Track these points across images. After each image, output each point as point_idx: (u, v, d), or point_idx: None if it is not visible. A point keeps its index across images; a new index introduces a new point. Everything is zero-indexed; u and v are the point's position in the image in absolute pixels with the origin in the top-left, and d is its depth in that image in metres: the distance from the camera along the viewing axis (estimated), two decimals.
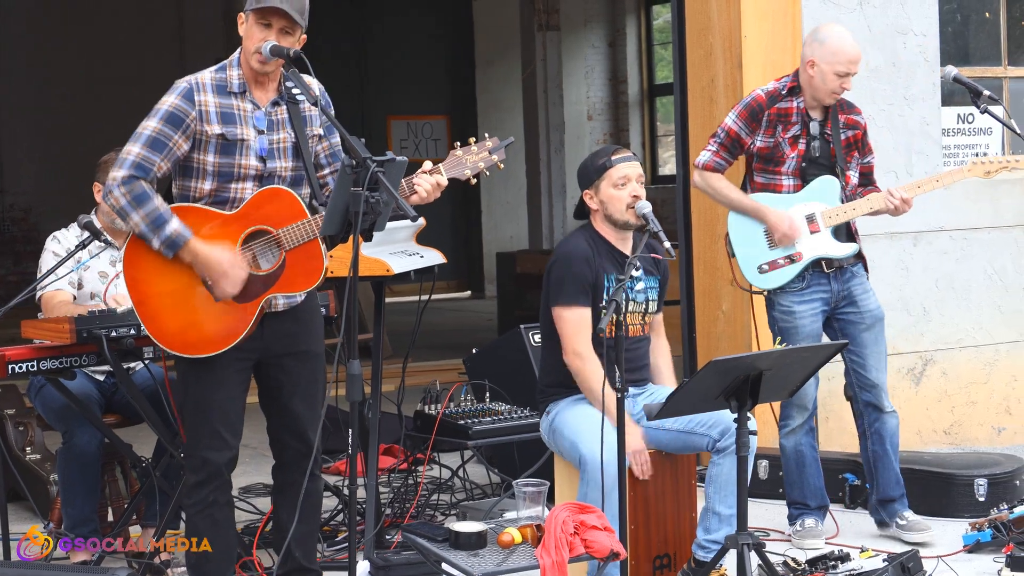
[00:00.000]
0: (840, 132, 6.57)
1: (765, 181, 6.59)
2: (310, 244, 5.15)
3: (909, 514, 6.66)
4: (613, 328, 5.25)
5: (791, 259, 6.52)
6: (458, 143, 5.36)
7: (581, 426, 5.64)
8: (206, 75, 5.20)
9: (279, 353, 5.33)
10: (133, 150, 5.07)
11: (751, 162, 6.63)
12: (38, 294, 6.44)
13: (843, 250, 6.58)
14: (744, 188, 6.70)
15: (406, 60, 20.23)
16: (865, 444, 6.74)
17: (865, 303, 6.65)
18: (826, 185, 6.55)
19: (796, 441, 6.70)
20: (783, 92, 6.55)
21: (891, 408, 6.71)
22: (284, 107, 5.27)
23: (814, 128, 6.54)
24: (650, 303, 5.98)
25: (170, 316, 5.14)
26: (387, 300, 6.97)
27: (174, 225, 5.04)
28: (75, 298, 6.46)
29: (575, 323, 5.75)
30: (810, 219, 6.51)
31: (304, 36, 5.20)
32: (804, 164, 6.53)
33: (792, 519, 6.74)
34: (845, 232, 6.60)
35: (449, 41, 20.80)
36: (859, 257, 6.67)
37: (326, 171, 5.39)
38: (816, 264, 6.54)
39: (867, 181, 6.71)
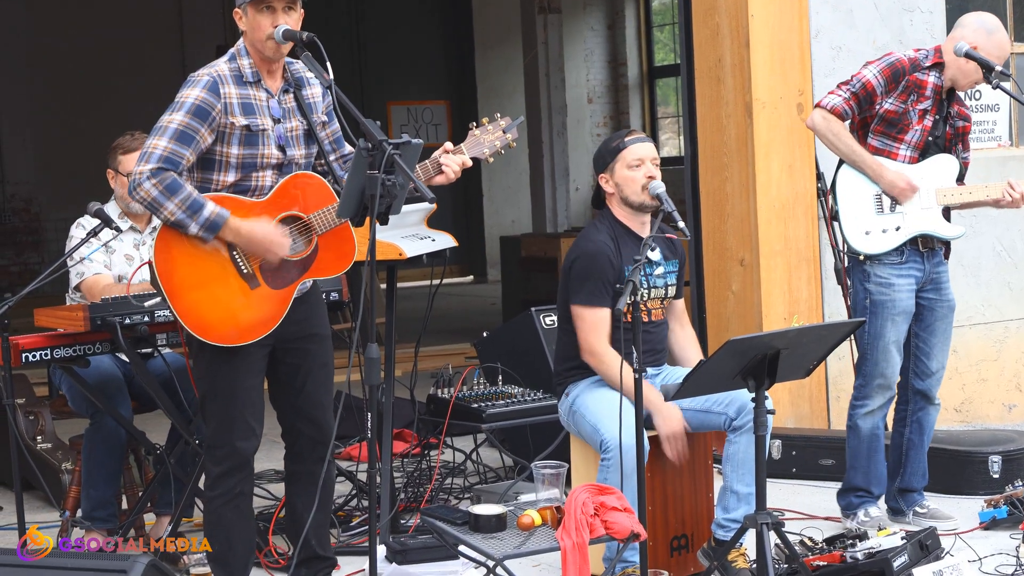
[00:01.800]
0: (955, 120, 6.46)
1: (881, 146, 6.39)
2: (341, 228, 5.17)
3: (928, 503, 6.57)
4: (631, 310, 5.24)
5: (897, 228, 6.35)
6: (473, 123, 5.37)
7: (603, 410, 5.63)
8: (223, 66, 5.18)
9: (292, 337, 5.32)
10: (160, 144, 5.03)
11: (869, 124, 6.40)
12: (75, 280, 6.42)
13: (951, 231, 6.45)
14: None
15: (405, 45, 20.20)
16: (901, 430, 6.61)
17: (947, 291, 6.53)
18: (945, 163, 6.41)
19: (873, 424, 6.47)
20: (924, 64, 6.38)
21: (938, 400, 6.61)
22: (291, 95, 5.27)
23: (944, 107, 6.40)
24: (669, 288, 5.98)
25: (207, 308, 5.11)
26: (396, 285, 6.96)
27: (211, 207, 5.02)
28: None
29: (593, 323, 5.74)
30: (924, 192, 6.36)
31: (302, 11, 5.19)
32: (929, 139, 6.37)
33: (852, 508, 6.52)
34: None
35: (448, 25, 20.77)
36: (944, 244, 6.53)
37: (332, 157, 5.40)
38: (912, 241, 6.38)
39: (960, 176, 6.52)
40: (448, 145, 5.24)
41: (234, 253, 5.11)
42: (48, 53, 17.57)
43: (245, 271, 5.11)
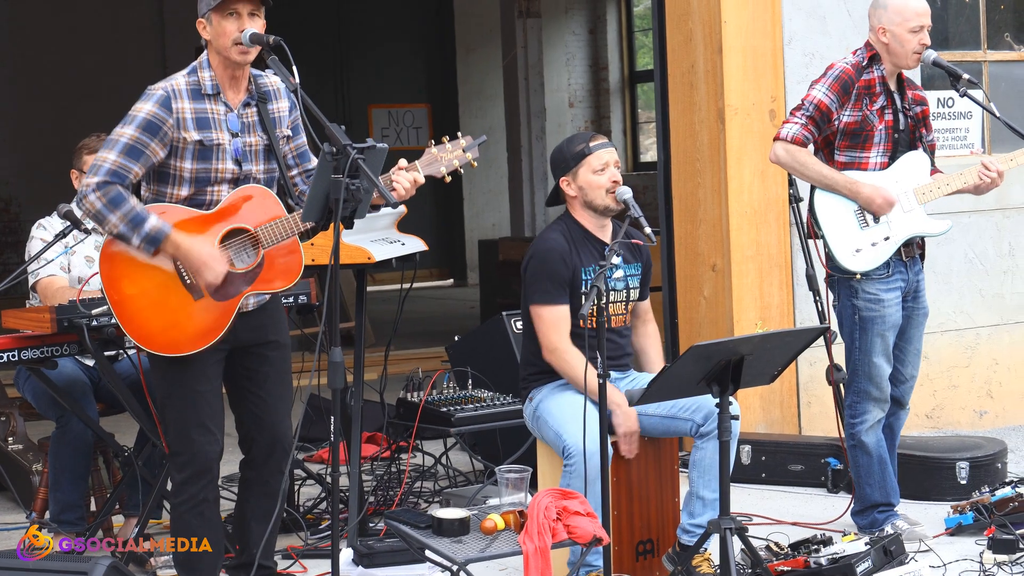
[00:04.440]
0: (911, 107, 6.40)
1: (849, 159, 6.32)
2: (289, 242, 5.15)
3: (901, 523, 6.39)
4: (594, 316, 5.26)
5: (886, 238, 6.28)
6: (432, 141, 5.37)
7: (565, 415, 5.64)
8: (180, 80, 5.18)
9: (250, 343, 5.33)
10: (108, 157, 5.06)
11: (833, 140, 6.33)
12: (32, 280, 6.43)
13: (938, 226, 6.41)
14: None
15: (386, 48, 20.21)
16: None
17: (923, 299, 6.50)
18: (916, 160, 6.37)
19: (877, 437, 6.38)
20: (864, 63, 6.32)
21: (908, 405, 6.59)
22: (255, 108, 5.26)
23: (897, 99, 6.35)
24: (631, 291, 5.98)
25: (149, 316, 5.12)
26: (372, 289, 6.97)
27: (153, 221, 5.02)
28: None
29: (551, 321, 5.74)
30: (903, 196, 6.29)
31: (264, 21, 5.18)
32: (896, 136, 6.31)
33: (878, 524, 6.36)
34: None
35: (430, 29, 20.78)
36: (920, 249, 6.47)
37: (294, 172, 5.39)
38: (896, 251, 6.30)
39: (931, 161, 6.48)
40: (403, 162, 5.23)
41: (179, 264, 5.11)
42: (29, 53, 17.54)
43: (189, 281, 5.11)
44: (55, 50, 17.61)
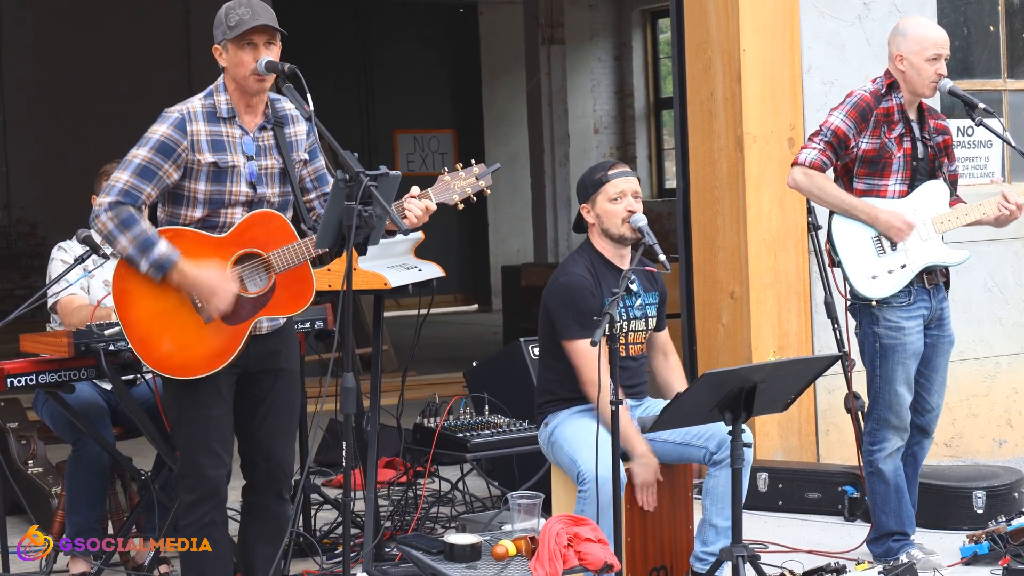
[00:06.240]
0: (932, 136, 6.41)
1: (867, 187, 6.33)
2: (300, 267, 5.17)
3: (916, 552, 6.36)
4: (608, 341, 5.28)
5: (903, 266, 6.28)
6: (446, 168, 5.38)
7: (580, 442, 5.65)
8: (196, 103, 5.22)
9: (259, 369, 5.34)
10: (122, 177, 5.10)
11: (851, 168, 6.34)
12: (51, 301, 6.47)
13: (956, 256, 6.39)
14: None
15: (412, 74, 20.29)
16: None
17: (949, 327, 6.47)
18: (935, 190, 6.36)
19: (895, 465, 6.37)
20: (882, 91, 6.33)
21: (933, 433, 6.57)
22: (271, 132, 5.30)
23: (915, 128, 6.35)
24: (649, 319, 5.99)
25: (159, 338, 5.15)
26: (396, 314, 7.01)
27: (162, 248, 5.06)
28: None
29: (590, 355, 5.73)
30: (921, 225, 6.30)
31: (280, 44, 5.21)
32: (914, 164, 6.31)
33: (893, 553, 6.33)
34: None
35: (455, 55, 20.87)
36: (945, 276, 6.47)
37: (312, 195, 5.41)
38: (919, 278, 6.31)
39: (952, 190, 6.47)
40: (415, 189, 5.26)
41: None
42: (55, 76, 17.65)
43: (200, 305, 5.14)
44: (81, 74, 17.72)
